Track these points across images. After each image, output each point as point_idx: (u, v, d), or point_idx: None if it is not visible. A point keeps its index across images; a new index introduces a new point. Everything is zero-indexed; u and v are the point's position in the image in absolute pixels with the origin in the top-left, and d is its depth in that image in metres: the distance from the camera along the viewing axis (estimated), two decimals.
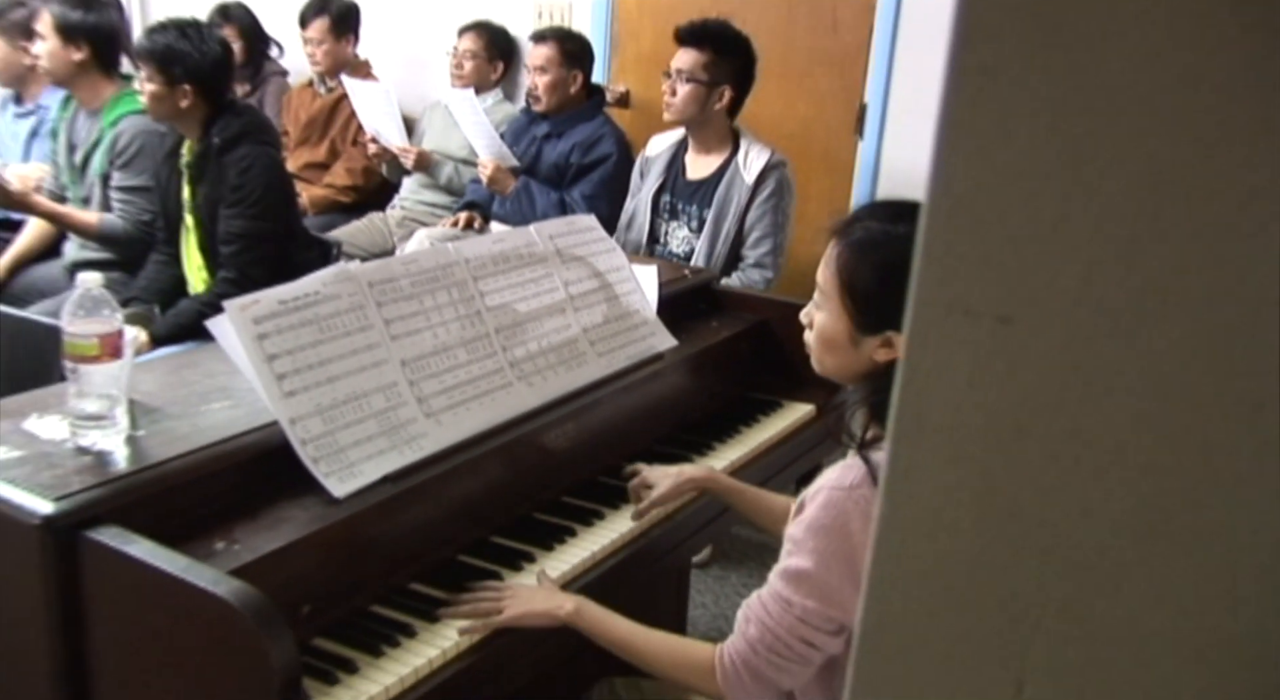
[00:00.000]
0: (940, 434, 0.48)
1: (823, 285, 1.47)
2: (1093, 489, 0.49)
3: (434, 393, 1.69)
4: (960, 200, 0.46)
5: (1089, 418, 0.48)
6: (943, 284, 0.47)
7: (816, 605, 1.36)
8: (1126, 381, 0.47)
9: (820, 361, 1.51)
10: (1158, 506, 0.49)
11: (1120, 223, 0.45)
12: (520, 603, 1.53)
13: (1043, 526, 0.49)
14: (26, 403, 1.59)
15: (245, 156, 2.86)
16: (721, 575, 3.08)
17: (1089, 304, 0.46)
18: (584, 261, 2.08)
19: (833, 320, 1.45)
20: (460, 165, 4.11)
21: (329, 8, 4.35)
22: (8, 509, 1.33)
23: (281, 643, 1.21)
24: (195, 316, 2.71)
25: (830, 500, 1.37)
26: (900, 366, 0.48)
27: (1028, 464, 0.48)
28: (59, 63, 3.31)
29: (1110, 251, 0.46)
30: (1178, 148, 0.45)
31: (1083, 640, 0.51)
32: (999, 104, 0.45)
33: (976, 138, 0.45)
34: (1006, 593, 0.50)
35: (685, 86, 3.08)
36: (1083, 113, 0.45)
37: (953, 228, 0.46)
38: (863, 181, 3.80)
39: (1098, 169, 0.45)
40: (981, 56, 0.45)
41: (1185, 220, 0.45)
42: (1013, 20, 0.45)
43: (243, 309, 1.50)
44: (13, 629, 1.39)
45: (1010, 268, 0.46)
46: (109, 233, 3.33)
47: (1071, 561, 0.49)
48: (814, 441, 2.34)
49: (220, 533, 1.41)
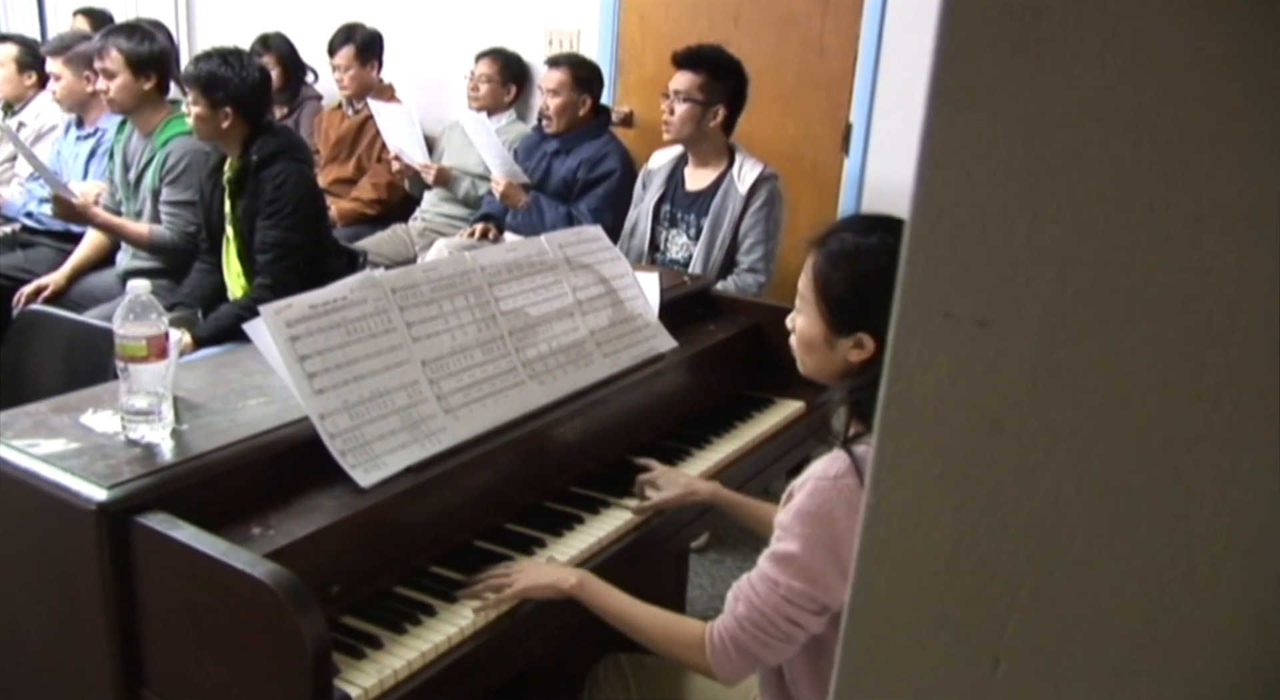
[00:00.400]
0: (923, 429, 0.48)
1: (802, 291, 1.48)
2: (1064, 480, 0.48)
3: (452, 390, 1.68)
4: (942, 211, 0.46)
5: (1060, 414, 0.47)
6: (925, 289, 0.46)
7: (802, 586, 1.35)
8: (1095, 380, 0.47)
9: (802, 363, 1.51)
10: (1123, 496, 0.49)
11: (1090, 232, 0.45)
12: (528, 577, 1.53)
13: (1017, 515, 0.49)
14: (83, 399, 1.59)
15: (281, 173, 2.86)
16: (718, 559, 3.08)
17: (1061, 308, 0.46)
18: (591, 269, 2.08)
19: (810, 324, 1.46)
20: (477, 180, 4.11)
21: (354, 36, 4.35)
22: (67, 495, 1.33)
23: (313, 620, 1.20)
24: (234, 320, 2.70)
25: (816, 489, 1.36)
26: (886, 366, 0.48)
27: (1004, 457, 0.48)
28: (130, 94, 3.31)
29: (1081, 259, 0.45)
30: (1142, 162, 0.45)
31: (1054, 619, 0.50)
32: (977, 122, 0.44)
33: (956, 153, 0.45)
34: (984, 576, 0.49)
35: (682, 106, 3.08)
36: (1054, 130, 0.45)
37: (935, 237, 0.46)
38: (848, 196, 3.80)
39: (1069, 182, 0.45)
40: (961, 78, 0.44)
41: (1150, 229, 0.45)
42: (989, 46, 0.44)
43: (277, 313, 1.50)
44: (73, 604, 1.39)
45: (988, 274, 0.46)
46: (159, 243, 3.34)
47: (1044, 547, 0.49)
48: (803, 436, 2.33)
49: (256, 519, 1.41)
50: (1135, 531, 0.49)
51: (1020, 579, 0.49)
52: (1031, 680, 0.50)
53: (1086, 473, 0.48)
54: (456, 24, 4.58)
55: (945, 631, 0.50)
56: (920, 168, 0.45)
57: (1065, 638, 0.50)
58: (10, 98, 4.21)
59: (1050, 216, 0.45)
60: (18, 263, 3.71)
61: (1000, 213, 0.45)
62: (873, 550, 0.50)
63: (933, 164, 0.45)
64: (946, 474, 0.48)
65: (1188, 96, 0.44)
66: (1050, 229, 0.45)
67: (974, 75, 0.44)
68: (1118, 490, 0.48)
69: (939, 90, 0.44)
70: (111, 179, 3.58)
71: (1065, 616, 0.50)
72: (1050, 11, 0.43)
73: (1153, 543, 0.49)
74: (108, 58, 3.26)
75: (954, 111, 0.44)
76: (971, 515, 0.49)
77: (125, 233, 3.38)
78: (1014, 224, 0.45)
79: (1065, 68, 0.44)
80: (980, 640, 0.50)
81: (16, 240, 3.86)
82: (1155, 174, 0.45)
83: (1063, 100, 0.45)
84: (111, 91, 3.30)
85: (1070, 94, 0.44)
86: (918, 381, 0.47)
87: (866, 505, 0.49)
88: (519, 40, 4.35)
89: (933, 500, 0.49)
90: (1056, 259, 0.45)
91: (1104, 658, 0.50)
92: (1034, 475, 0.48)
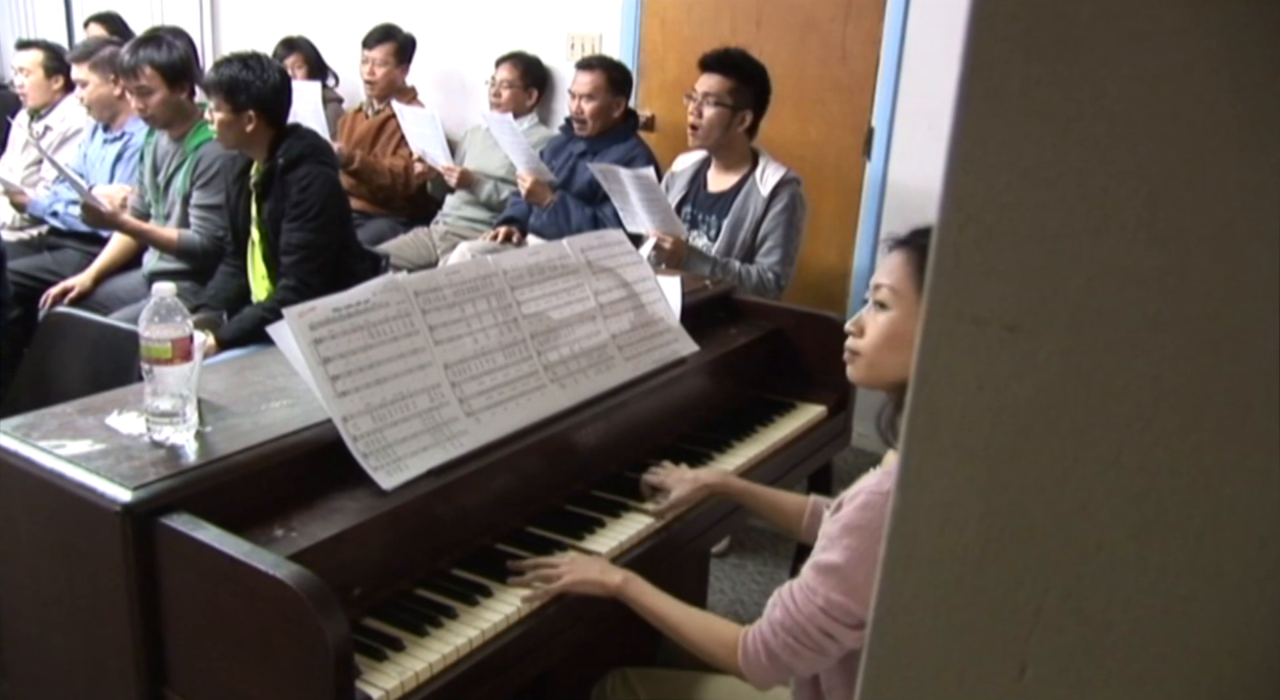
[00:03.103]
0: (950, 434, 0.48)
1: (895, 286, 1.41)
2: (1092, 486, 0.48)
3: (474, 393, 1.69)
4: (969, 216, 0.45)
5: (1089, 419, 0.47)
6: (953, 294, 0.46)
7: (841, 599, 1.34)
8: (1125, 385, 0.47)
9: (874, 364, 1.44)
10: (1152, 502, 0.48)
11: (1120, 236, 0.45)
12: (577, 571, 1.55)
13: (1045, 520, 0.49)
14: (108, 401, 1.60)
15: (306, 175, 2.88)
16: (739, 563, 3.07)
17: (1090, 313, 0.46)
18: (613, 273, 2.08)
19: (904, 318, 1.40)
20: (499, 183, 4.12)
21: (396, 35, 4.38)
22: (93, 496, 1.34)
23: (335, 621, 1.21)
24: (258, 322, 2.72)
25: (868, 503, 1.36)
26: (913, 371, 0.48)
27: (1031, 462, 0.48)
28: (168, 107, 3.34)
29: (1110, 263, 0.45)
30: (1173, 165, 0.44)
31: (1081, 626, 0.50)
32: (1005, 125, 0.44)
33: (985, 157, 0.45)
34: (1011, 582, 0.49)
35: (712, 110, 3.08)
36: (1082, 135, 0.45)
37: (962, 242, 0.46)
38: (870, 200, 3.79)
39: (1098, 185, 0.45)
40: (988, 84, 0.44)
41: (1180, 233, 0.45)
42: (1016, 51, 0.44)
43: (300, 316, 1.51)
44: (98, 603, 1.40)
45: (1016, 279, 0.46)
46: (187, 247, 3.37)
47: (1071, 553, 0.49)
48: (825, 440, 2.33)
49: (279, 520, 1.42)
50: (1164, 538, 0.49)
51: (1047, 585, 0.49)
52: (1059, 686, 0.50)
53: (1115, 479, 0.48)
54: (478, 27, 4.59)
55: (971, 637, 0.50)
56: (948, 173, 0.45)
57: (1093, 644, 0.50)
58: (38, 103, 4.26)
59: (1078, 221, 0.45)
60: (44, 265, 3.75)
61: (1028, 218, 0.45)
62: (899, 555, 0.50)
63: (960, 169, 0.45)
64: (973, 479, 0.48)
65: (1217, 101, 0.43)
66: (1078, 234, 0.45)
67: (1001, 81, 0.44)
68: (1146, 496, 0.48)
69: (966, 95, 0.44)
70: (141, 182, 3.62)
71: (1093, 623, 0.49)
72: (1078, 17, 0.43)
73: (1182, 549, 0.49)
74: (143, 76, 3.27)
75: (981, 117, 0.44)
76: (998, 521, 0.49)
77: (154, 238, 3.41)
78: (1042, 229, 0.45)
79: (1093, 73, 0.44)
80: (1006, 646, 0.50)
81: (43, 243, 3.90)
82: (1184, 178, 0.45)
83: (1091, 105, 0.44)
84: (150, 108, 3.32)
85: (1098, 99, 0.44)
86: (945, 386, 0.47)
87: (892, 510, 0.49)
88: (541, 44, 4.36)
89: (959, 505, 0.49)
90: (1085, 264, 0.45)
91: (1132, 664, 0.50)
92: (1061, 481, 0.48)
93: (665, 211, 3.04)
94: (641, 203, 3.04)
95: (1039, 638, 0.50)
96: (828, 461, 2.40)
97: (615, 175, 3.06)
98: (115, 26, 4.84)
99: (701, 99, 3.08)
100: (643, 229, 3.10)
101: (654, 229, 3.06)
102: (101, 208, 3.28)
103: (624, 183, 3.03)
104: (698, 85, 3.11)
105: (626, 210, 3.15)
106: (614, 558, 1.69)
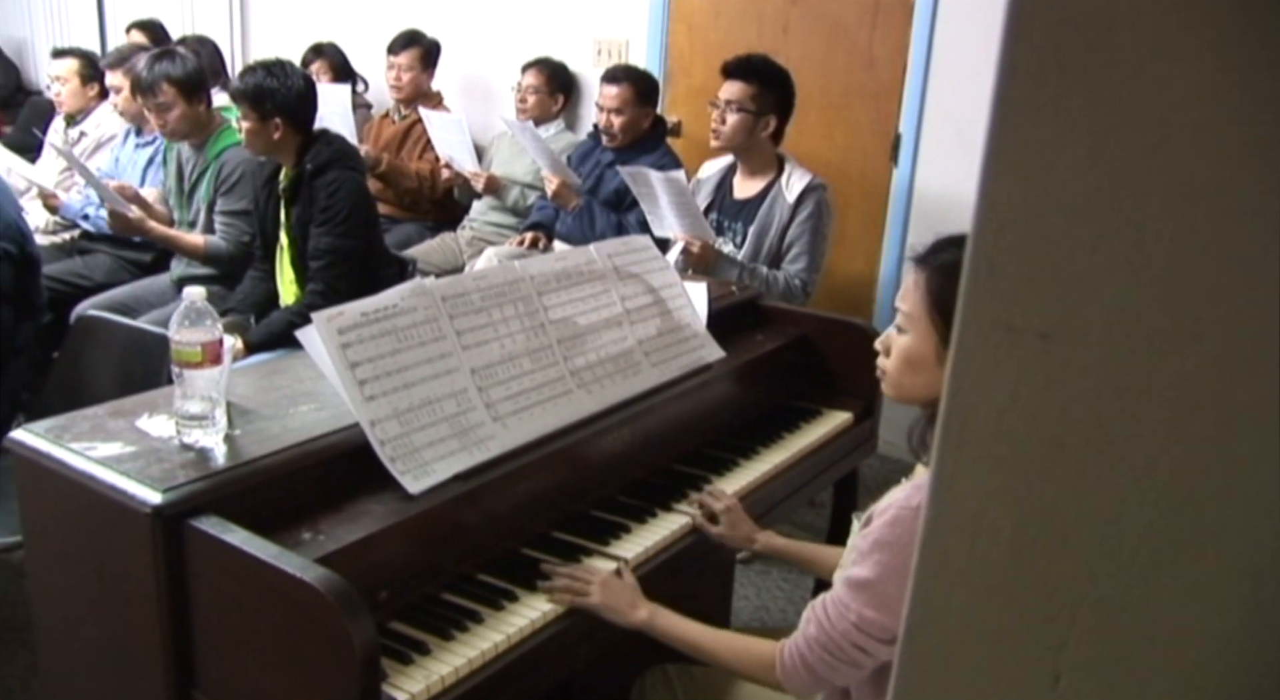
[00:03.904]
0: (983, 443, 0.48)
1: (908, 310, 1.43)
2: (1126, 495, 0.48)
3: (501, 398, 1.69)
4: (1004, 224, 0.45)
5: (1123, 429, 0.47)
6: (987, 302, 0.46)
7: (874, 614, 1.35)
8: (1159, 395, 0.46)
9: (900, 384, 1.46)
10: (1186, 512, 0.48)
11: (1155, 246, 0.45)
12: (605, 594, 1.55)
13: (1078, 530, 0.48)
14: (138, 404, 1.62)
15: (334, 180, 2.91)
16: (763, 571, 3.06)
17: (1125, 322, 0.45)
18: (639, 278, 2.08)
19: (920, 341, 1.41)
20: (525, 189, 4.14)
21: (421, 41, 4.41)
22: (123, 498, 1.36)
23: (362, 625, 1.22)
24: (286, 326, 2.74)
25: (898, 518, 1.35)
26: (946, 379, 0.48)
27: (1065, 472, 0.48)
28: (187, 120, 3.39)
29: (1145, 273, 0.45)
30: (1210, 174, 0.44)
31: (1115, 636, 0.50)
32: (1042, 134, 0.44)
33: (1020, 165, 0.44)
34: (1043, 591, 0.49)
35: (735, 116, 3.08)
36: (1120, 142, 0.44)
37: (997, 249, 0.46)
38: (897, 206, 3.78)
39: (1134, 195, 0.44)
40: (1025, 90, 0.44)
41: (1217, 242, 0.45)
42: (1054, 57, 0.44)
43: (329, 320, 1.52)
44: (127, 604, 1.41)
45: (1051, 288, 0.45)
46: (214, 253, 3.40)
47: (1106, 563, 0.49)
48: (851, 447, 2.32)
49: (307, 524, 1.43)
50: (1200, 549, 0.49)
51: (1081, 595, 0.49)
52: (1092, 697, 0.50)
53: (1150, 489, 0.47)
54: (505, 33, 4.61)
55: (1004, 646, 0.50)
56: (983, 179, 0.45)
57: (1127, 654, 0.49)
58: (73, 110, 4.32)
59: (1115, 229, 0.45)
60: (75, 269, 3.79)
61: (1064, 225, 0.45)
62: (931, 564, 0.49)
63: (996, 176, 0.45)
64: (1007, 488, 0.48)
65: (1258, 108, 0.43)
66: (1115, 242, 0.45)
67: (1038, 87, 0.44)
68: (1182, 507, 0.48)
69: (1003, 101, 0.44)
70: (167, 186, 3.66)
71: (1127, 633, 0.49)
72: (1118, 22, 0.43)
73: (1218, 560, 0.48)
74: (161, 92, 3.32)
75: (1018, 123, 0.44)
76: (1031, 530, 0.49)
77: (181, 245, 3.45)
78: (1078, 237, 0.45)
79: (1132, 79, 0.44)
80: (1040, 656, 0.50)
81: (74, 247, 3.95)
82: (1223, 186, 0.44)
83: (1129, 111, 0.44)
84: (170, 123, 3.37)
85: (1136, 105, 0.44)
86: (979, 395, 0.47)
87: (925, 518, 0.49)
88: (568, 50, 4.37)
89: (993, 514, 0.48)
90: (1121, 272, 0.45)
91: (1167, 675, 0.50)
92: (1096, 490, 0.48)
93: (695, 215, 3.03)
94: (671, 206, 3.04)
95: (1072, 648, 0.49)
96: (854, 469, 2.39)
97: (645, 178, 3.06)
98: (156, 34, 4.90)
99: (725, 106, 3.09)
100: (670, 233, 3.09)
101: (682, 233, 3.05)
102: (129, 214, 3.32)
103: (654, 185, 3.03)
104: (721, 92, 3.12)
105: (654, 214, 3.14)
106: (639, 563, 1.69)
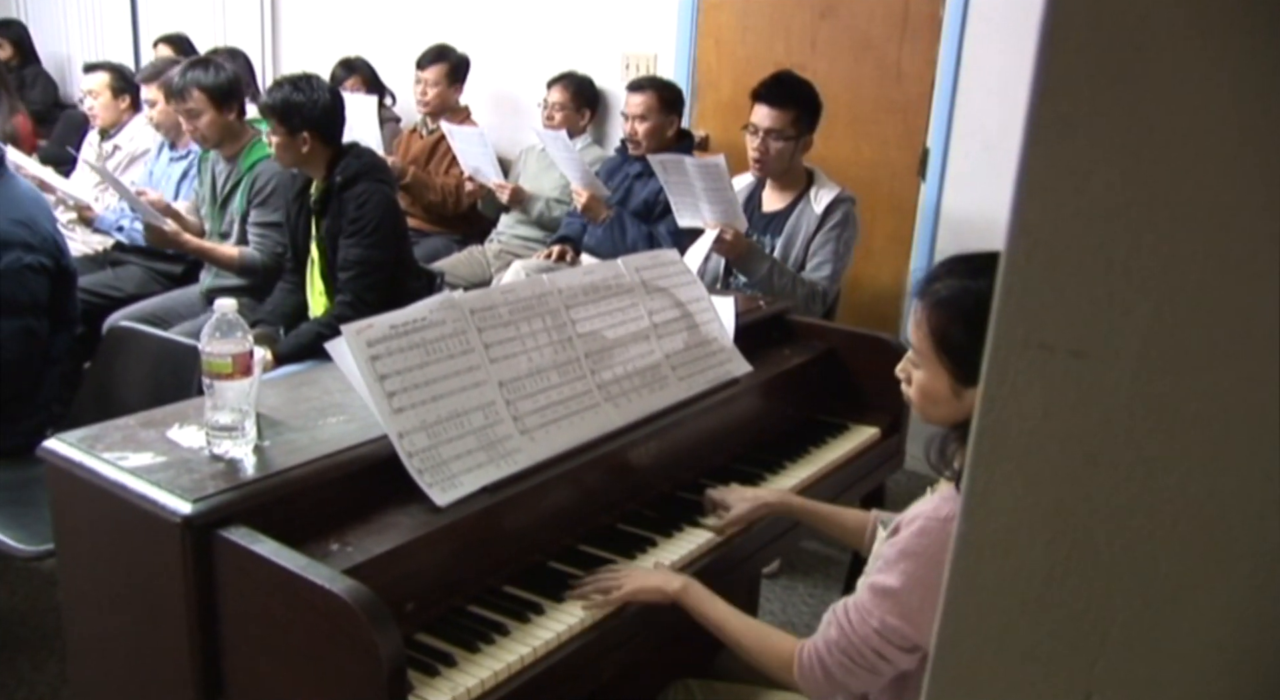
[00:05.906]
0: (1016, 460, 0.48)
1: (917, 345, 1.42)
2: (1159, 513, 0.48)
3: (528, 411, 1.70)
4: (1037, 242, 0.46)
5: (1157, 447, 0.47)
6: (1020, 320, 0.46)
7: (896, 622, 1.35)
8: (1193, 413, 0.46)
9: (925, 413, 1.46)
10: (1220, 530, 0.48)
11: (1188, 264, 0.45)
12: (636, 580, 1.57)
13: (1111, 548, 0.49)
14: (169, 414, 1.63)
15: (363, 193, 2.94)
16: (790, 585, 3.05)
17: (1159, 340, 0.46)
18: (667, 292, 2.09)
19: (932, 378, 1.41)
20: (552, 202, 4.15)
21: (449, 56, 4.44)
22: (154, 508, 1.37)
23: (388, 636, 1.22)
24: (315, 338, 2.77)
25: (925, 529, 1.35)
26: (979, 397, 0.48)
27: (1098, 489, 0.48)
28: (217, 128, 3.44)
29: (1179, 291, 0.45)
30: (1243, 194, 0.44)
31: (1148, 654, 0.50)
32: (1075, 153, 0.44)
33: (1054, 184, 0.45)
34: (1076, 608, 0.49)
35: (778, 144, 3.07)
36: (1153, 161, 0.45)
37: (1030, 268, 0.46)
38: (925, 221, 3.77)
39: (1167, 213, 0.45)
40: (1058, 109, 0.45)
41: (1250, 261, 0.45)
42: (1088, 77, 0.44)
43: (358, 333, 1.53)
44: (157, 612, 1.43)
45: (1084, 305, 0.46)
46: (249, 264, 3.45)
47: (1138, 581, 0.49)
48: (878, 462, 2.31)
49: (335, 535, 1.44)
50: (1233, 567, 0.48)
51: (1113, 613, 0.49)
52: None
53: (1183, 507, 0.47)
54: (535, 48, 4.64)
55: (1035, 664, 0.50)
56: (1016, 198, 0.45)
57: (1159, 673, 0.49)
58: (106, 124, 4.38)
59: (1148, 248, 0.45)
60: (106, 281, 3.83)
61: (1097, 244, 0.45)
62: (963, 580, 0.50)
63: (1029, 194, 0.45)
64: (1039, 505, 0.48)
65: None
66: (1148, 260, 0.45)
67: (1072, 106, 0.44)
68: (1215, 525, 0.48)
69: (1036, 121, 0.44)
70: (199, 196, 3.70)
71: (1159, 652, 0.49)
72: (1151, 42, 0.43)
73: (1251, 579, 0.48)
74: (191, 98, 3.37)
75: (1051, 142, 0.45)
76: (1064, 547, 0.49)
77: (216, 256, 3.49)
78: (1111, 255, 0.45)
79: (1165, 99, 0.44)
80: (1071, 673, 0.50)
81: (107, 258, 4.00)
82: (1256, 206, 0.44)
83: (1162, 131, 0.44)
84: (200, 129, 3.42)
85: (1170, 125, 0.44)
86: (1011, 412, 0.47)
87: (957, 535, 0.49)
88: (596, 65, 4.39)
89: (1025, 532, 0.49)
90: (1154, 291, 0.45)
91: (1199, 695, 0.50)
92: (1129, 508, 0.48)
93: (729, 202, 3.00)
94: (705, 191, 3.00)
95: (1104, 665, 0.49)
96: (881, 484, 2.38)
97: (679, 165, 3.03)
98: (183, 47, 4.97)
99: (765, 135, 3.08)
100: (700, 222, 3.08)
101: (714, 221, 3.02)
102: (164, 227, 3.37)
103: (688, 172, 2.99)
104: (756, 119, 3.09)
105: (684, 203, 3.12)
106: None
